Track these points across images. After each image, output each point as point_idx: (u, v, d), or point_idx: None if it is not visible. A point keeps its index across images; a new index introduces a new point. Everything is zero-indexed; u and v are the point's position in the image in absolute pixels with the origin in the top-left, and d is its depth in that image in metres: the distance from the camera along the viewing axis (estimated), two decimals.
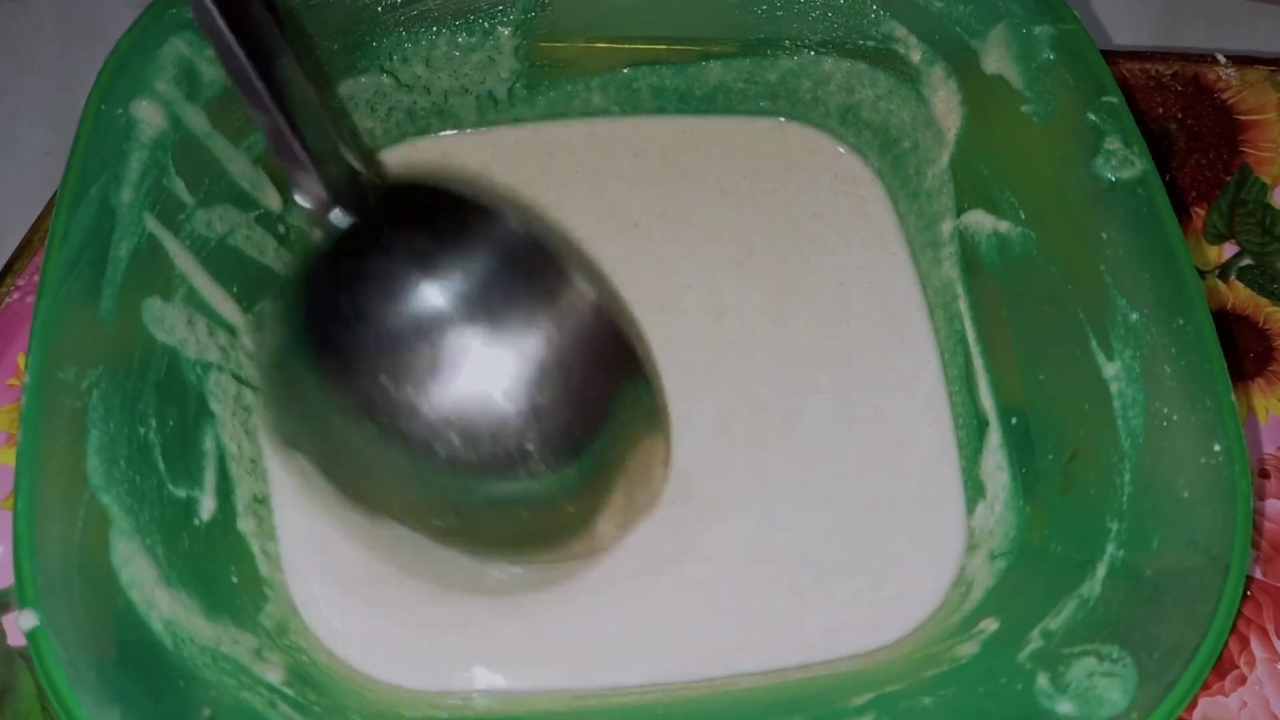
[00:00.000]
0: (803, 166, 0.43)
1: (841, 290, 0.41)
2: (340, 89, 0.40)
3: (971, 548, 0.35)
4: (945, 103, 0.39)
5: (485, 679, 0.34)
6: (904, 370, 0.39)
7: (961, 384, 0.38)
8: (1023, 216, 0.35)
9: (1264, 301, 0.43)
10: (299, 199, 0.30)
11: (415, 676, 0.34)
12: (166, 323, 0.33)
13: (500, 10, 0.40)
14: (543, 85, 0.42)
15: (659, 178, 0.42)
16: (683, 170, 0.43)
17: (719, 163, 0.43)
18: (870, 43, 0.40)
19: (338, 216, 0.29)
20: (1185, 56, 0.46)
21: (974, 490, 0.36)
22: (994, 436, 0.36)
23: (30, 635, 0.27)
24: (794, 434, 0.38)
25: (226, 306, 0.35)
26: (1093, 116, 0.34)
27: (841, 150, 0.43)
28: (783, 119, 0.43)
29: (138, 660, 0.28)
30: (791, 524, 0.36)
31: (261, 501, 0.35)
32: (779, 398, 0.38)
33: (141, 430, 0.31)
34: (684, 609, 0.35)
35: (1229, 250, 0.44)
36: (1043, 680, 0.28)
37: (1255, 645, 0.37)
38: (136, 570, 0.29)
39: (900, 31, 0.39)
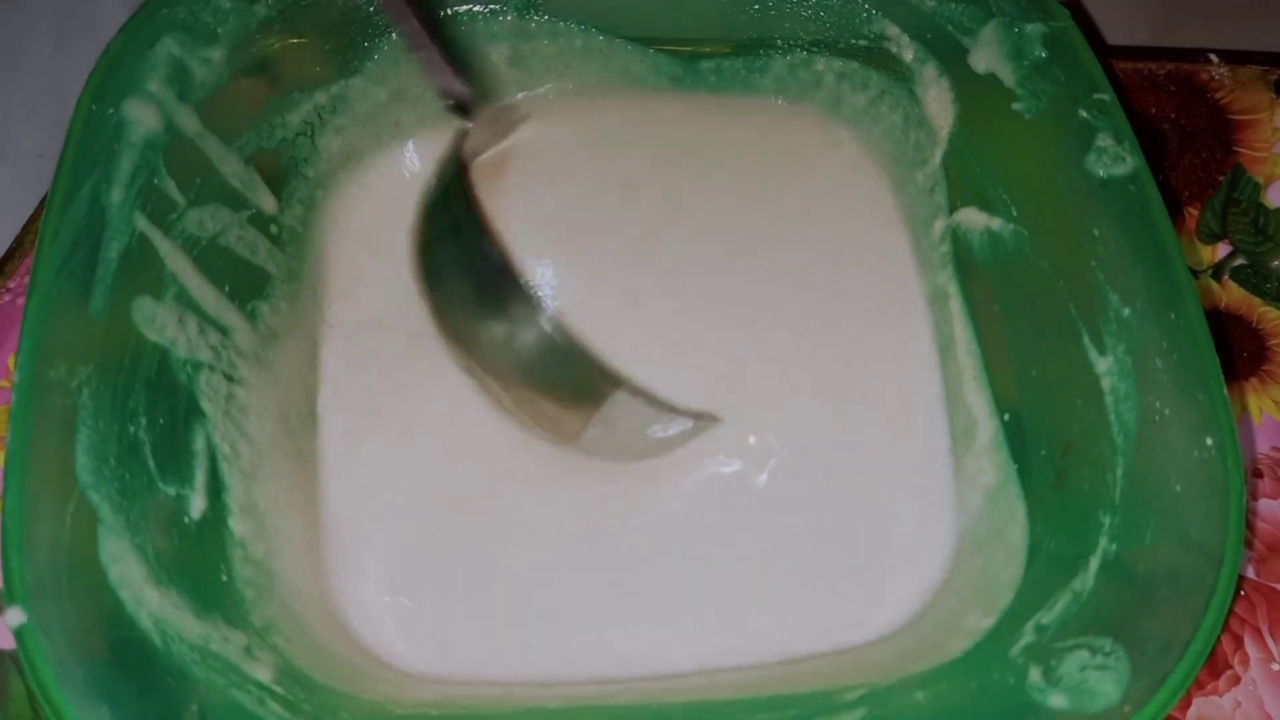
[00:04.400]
0: (805, 153, 0.43)
1: (838, 283, 0.40)
2: (333, 89, 0.40)
3: (964, 542, 0.35)
4: (938, 101, 0.39)
5: (486, 668, 0.35)
6: (898, 366, 0.39)
7: (955, 380, 0.38)
8: (1015, 214, 0.35)
9: (1257, 301, 0.43)
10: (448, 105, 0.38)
11: (427, 661, 0.35)
12: (157, 322, 0.33)
13: (493, 10, 0.40)
14: (533, 84, 0.42)
15: (655, 164, 0.42)
16: (683, 153, 0.42)
17: (719, 149, 0.43)
18: (863, 42, 0.40)
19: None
20: (1178, 56, 0.46)
21: (967, 485, 0.36)
22: (987, 432, 0.36)
23: (18, 633, 0.27)
24: (787, 429, 0.38)
25: (218, 306, 0.35)
26: (1084, 114, 0.34)
27: (845, 138, 0.43)
28: (782, 100, 0.43)
29: (126, 658, 0.28)
30: (784, 518, 0.36)
31: (255, 500, 0.35)
32: (771, 392, 0.38)
33: (131, 429, 0.31)
34: (677, 603, 0.35)
35: (1222, 250, 0.44)
36: (1035, 674, 0.28)
37: (1249, 645, 0.37)
38: (126, 568, 0.29)
39: (892, 30, 0.39)
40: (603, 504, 0.37)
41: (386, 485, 0.37)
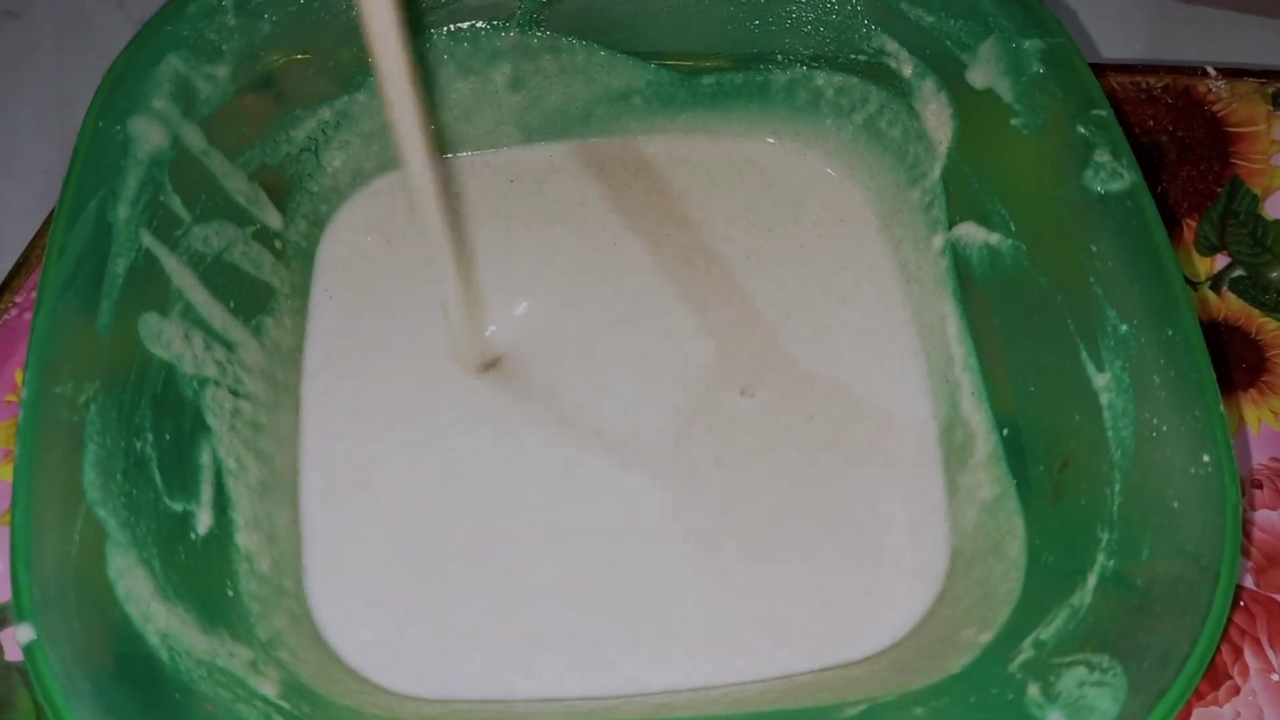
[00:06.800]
0: (792, 188, 0.43)
1: (831, 301, 0.41)
2: (336, 105, 0.40)
3: (962, 555, 0.36)
4: (936, 116, 0.39)
5: (483, 686, 0.34)
6: (895, 381, 0.39)
7: (953, 394, 0.38)
8: (1013, 229, 0.36)
9: (1256, 312, 0.43)
10: None
11: (421, 684, 0.34)
12: (163, 338, 0.33)
13: (495, 25, 0.40)
14: (535, 104, 0.42)
15: (649, 199, 0.43)
16: (671, 192, 0.43)
17: (709, 186, 0.43)
18: (862, 57, 0.40)
19: None
20: (1175, 69, 0.46)
21: (965, 499, 0.36)
22: (986, 446, 0.36)
23: (26, 649, 0.27)
24: (783, 445, 0.38)
25: (224, 321, 0.36)
26: (1082, 129, 0.34)
27: (831, 174, 0.43)
28: (772, 140, 0.44)
29: (134, 673, 0.28)
30: (781, 534, 0.37)
31: (262, 515, 0.35)
32: (768, 409, 0.38)
33: (138, 444, 0.31)
34: (674, 621, 0.35)
35: (1221, 261, 0.44)
36: (1034, 690, 0.28)
37: (1249, 656, 0.37)
38: (133, 583, 0.29)
39: (891, 46, 0.39)
40: (599, 521, 0.37)
41: (379, 503, 0.37)
